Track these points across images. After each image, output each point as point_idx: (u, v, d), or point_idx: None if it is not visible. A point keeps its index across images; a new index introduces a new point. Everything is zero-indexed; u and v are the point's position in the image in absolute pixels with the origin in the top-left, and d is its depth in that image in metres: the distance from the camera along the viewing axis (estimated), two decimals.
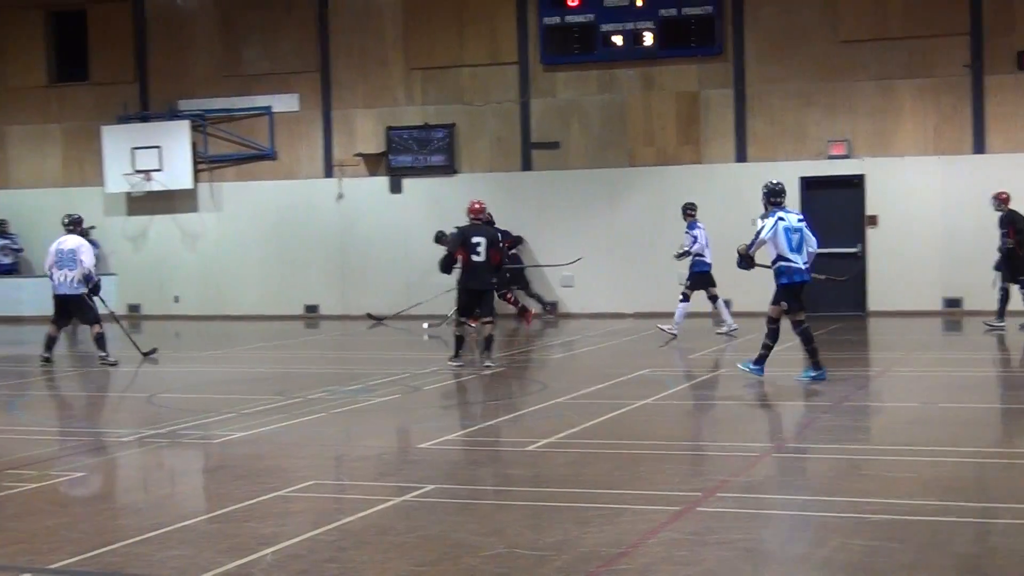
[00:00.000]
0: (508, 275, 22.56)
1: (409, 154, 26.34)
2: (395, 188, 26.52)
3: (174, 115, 27.52)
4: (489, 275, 16.29)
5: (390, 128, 26.40)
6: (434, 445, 11.15)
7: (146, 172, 27.13)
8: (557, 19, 25.45)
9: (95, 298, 18.32)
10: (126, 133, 27.53)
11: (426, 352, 19.63)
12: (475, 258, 16.14)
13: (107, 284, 27.46)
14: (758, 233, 14.24)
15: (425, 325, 23.34)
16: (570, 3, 25.29)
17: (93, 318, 18.20)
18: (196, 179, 27.38)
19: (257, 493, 9.20)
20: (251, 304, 26.49)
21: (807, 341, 14.31)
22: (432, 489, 9.22)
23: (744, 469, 9.80)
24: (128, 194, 27.60)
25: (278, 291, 26.91)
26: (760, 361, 14.43)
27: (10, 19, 28.67)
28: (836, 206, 24.26)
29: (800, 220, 14.19)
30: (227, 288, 27.10)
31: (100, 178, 27.82)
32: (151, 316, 27.14)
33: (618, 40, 25.26)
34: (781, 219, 14.07)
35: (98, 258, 27.28)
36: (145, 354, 18.76)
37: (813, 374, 14.24)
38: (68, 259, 17.98)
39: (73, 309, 18.30)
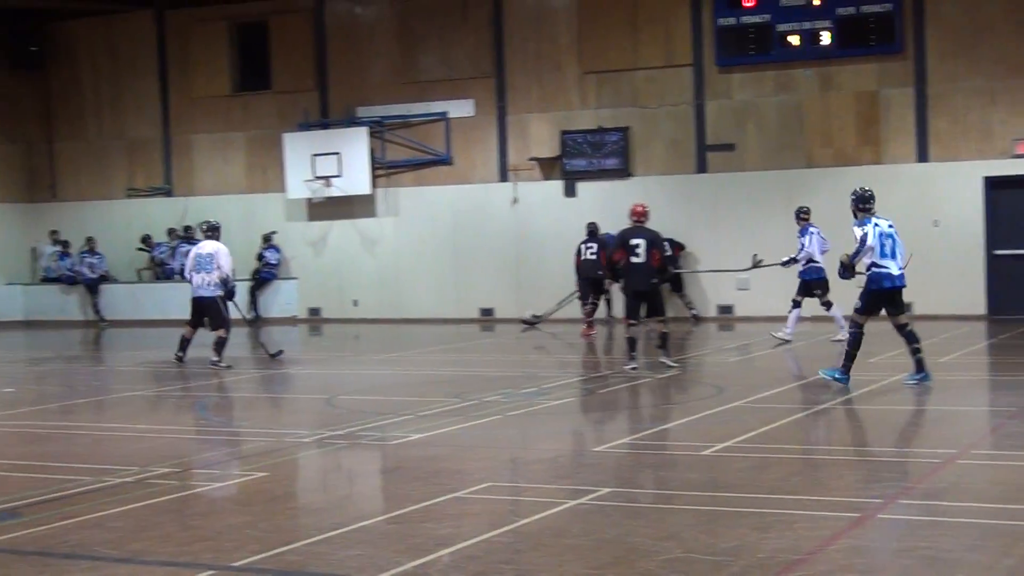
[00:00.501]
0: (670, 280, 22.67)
1: (583, 158, 26.36)
2: (569, 192, 26.56)
3: (353, 122, 27.98)
4: (650, 276, 16.21)
5: (564, 132, 26.46)
6: (609, 448, 11.13)
7: (326, 178, 27.62)
8: (732, 20, 25.22)
9: (230, 303, 18.93)
10: (306, 140, 28.08)
11: (602, 355, 19.60)
12: (635, 259, 16.13)
13: (288, 288, 28.22)
14: (862, 241, 14.08)
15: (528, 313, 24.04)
16: (746, 3, 25.04)
17: (222, 322, 18.73)
18: (374, 184, 27.79)
19: (434, 494, 9.28)
20: (427, 308, 26.79)
21: (912, 341, 14.28)
22: (607, 492, 9.20)
23: (927, 475, 9.57)
24: (308, 200, 28.15)
25: (454, 295, 27.16)
26: (846, 370, 14.30)
27: (196, 32, 29.47)
28: (1022, 207, 23.59)
29: (891, 226, 14.22)
30: (404, 292, 27.45)
31: (281, 184, 28.42)
32: (331, 320, 27.62)
33: (795, 40, 24.93)
34: (877, 224, 14.11)
35: (279, 263, 27.95)
36: (272, 355, 19.18)
37: (918, 377, 14.18)
38: (206, 263, 18.57)
39: (205, 311, 18.80)
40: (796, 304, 19.76)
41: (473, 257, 27.13)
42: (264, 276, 28.15)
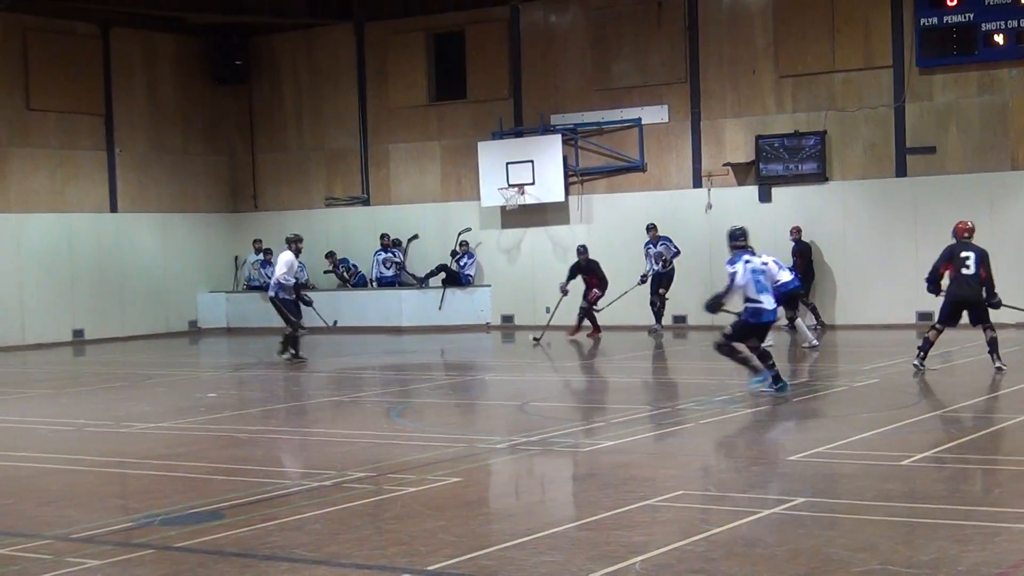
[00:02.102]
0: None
1: (779, 162, 26.02)
2: (764, 197, 26.25)
3: (546, 129, 28.10)
4: (978, 287, 16.51)
5: (759, 137, 26.15)
6: (805, 457, 10.95)
7: (520, 186, 27.79)
8: (935, 20, 24.62)
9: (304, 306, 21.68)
10: (501, 148, 28.30)
11: (800, 363, 19.30)
12: (965, 271, 16.47)
13: (481, 295, 28.45)
14: (731, 278, 14.72)
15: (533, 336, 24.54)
16: (948, 3, 24.42)
17: (286, 320, 21.49)
18: (567, 192, 27.86)
19: (626, 502, 9.26)
20: (620, 315, 26.70)
21: (766, 359, 14.77)
22: (802, 502, 9.06)
23: None
24: (502, 207, 28.36)
25: (646, 302, 27.04)
26: (773, 376, 14.71)
27: (394, 43, 29.95)
28: None
29: (764, 264, 14.96)
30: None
31: (476, 192, 28.69)
32: (522, 326, 27.74)
33: (1000, 39, 24.23)
34: (748, 261, 14.70)
35: (476, 269, 28.28)
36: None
37: (759, 379, 14.77)
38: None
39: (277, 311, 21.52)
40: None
41: None
42: (462, 280, 28.49)
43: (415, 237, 29.61)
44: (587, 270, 25.02)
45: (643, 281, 25.27)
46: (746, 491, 9.72)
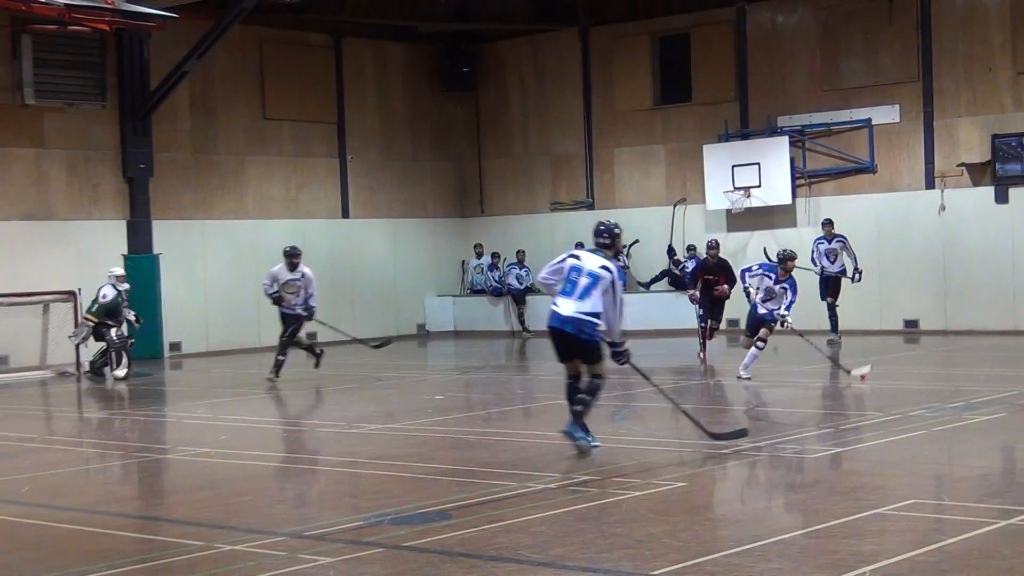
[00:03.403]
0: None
1: (1017, 162, 25.16)
2: (1001, 198, 25.41)
3: (773, 132, 27.75)
4: None
5: (996, 136, 25.33)
6: None
7: (746, 189, 27.51)
8: None
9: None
10: (726, 151, 28.06)
11: None
12: None
13: None
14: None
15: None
16: None
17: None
18: (794, 194, 27.46)
19: (855, 510, 9.09)
20: (850, 319, 26.14)
21: (577, 403, 12.00)
22: None
23: None
24: (728, 211, 28.11)
25: (877, 305, 26.48)
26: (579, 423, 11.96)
27: (619, 47, 29.99)
28: None
29: (604, 267, 11.66)
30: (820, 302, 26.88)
31: (701, 196, 28.51)
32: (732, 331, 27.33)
33: None
34: (574, 256, 11.98)
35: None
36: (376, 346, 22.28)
37: (569, 430, 11.90)
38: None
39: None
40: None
41: (897, 267, 26.37)
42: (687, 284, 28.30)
43: (636, 242, 29.55)
44: (716, 270, 21.78)
45: (856, 278, 24.46)
46: (980, 501, 9.43)
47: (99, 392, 20.57)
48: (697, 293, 21.78)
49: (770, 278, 17.68)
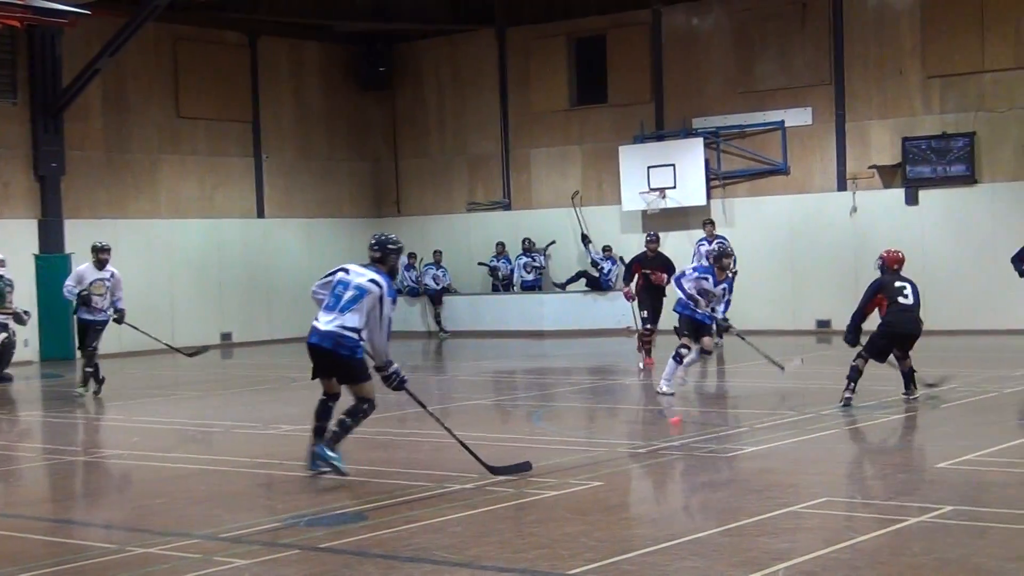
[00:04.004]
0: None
1: (927, 165, 25.54)
2: (911, 200, 25.78)
3: (688, 133, 27.94)
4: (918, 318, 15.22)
5: (906, 139, 25.69)
6: (953, 464, 10.75)
7: (661, 190, 27.67)
8: None
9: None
10: (642, 152, 28.20)
11: (944, 368, 18.92)
12: (903, 301, 15.15)
13: (623, 299, 28.34)
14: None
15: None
16: None
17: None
18: (709, 195, 27.66)
19: (769, 508, 9.19)
20: (762, 319, 26.41)
21: (321, 430, 11.05)
22: (950, 511, 8.88)
23: None
24: (644, 211, 28.26)
25: (790, 306, 26.76)
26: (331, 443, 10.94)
27: (536, 48, 30.04)
28: None
29: (372, 281, 10.82)
30: (739, 303, 27.01)
31: (617, 196, 28.63)
32: (663, 331, 27.53)
33: None
34: (344, 270, 11.15)
35: (613, 274, 28.15)
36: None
37: (317, 450, 10.93)
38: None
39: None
40: None
41: (810, 268, 26.67)
42: (605, 286, 28.44)
43: (552, 243, 29.65)
44: (656, 263, 20.63)
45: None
46: (892, 498, 9.57)
47: (5, 394, 20.24)
48: (632, 290, 20.84)
49: (707, 280, 16.79)
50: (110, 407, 17.39)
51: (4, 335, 21.22)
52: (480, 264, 30.42)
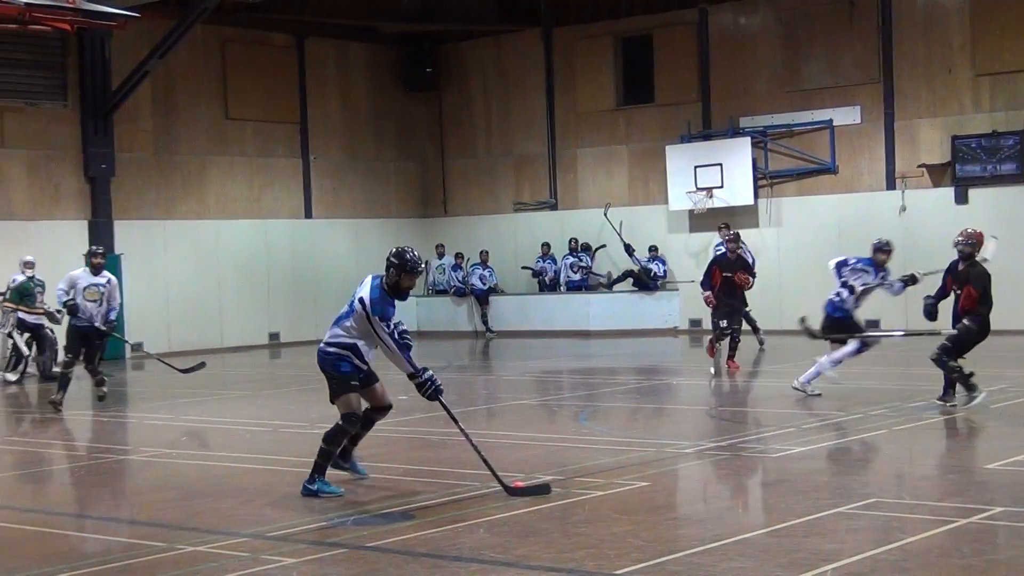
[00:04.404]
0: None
1: (976, 163, 25.34)
2: (961, 199, 25.58)
3: (735, 132, 27.85)
4: None
5: (956, 137, 25.50)
6: (1003, 466, 10.66)
7: (708, 189, 27.59)
8: None
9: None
10: (689, 152, 28.13)
11: (996, 368, 18.77)
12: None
13: (669, 300, 28.30)
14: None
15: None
16: None
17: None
18: (756, 195, 27.56)
19: (817, 508, 9.14)
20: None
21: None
22: (1000, 512, 8.82)
23: None
24: (690, 211, 28.18)
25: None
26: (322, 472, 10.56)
27: (582, 48, 30.03)
28: None
29: (360, 299, 10.34)
30: (787, 302, 26.98)
31: (664, 196, 28.57)
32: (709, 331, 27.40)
33: None
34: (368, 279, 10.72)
35: (665, 274, 28.10)
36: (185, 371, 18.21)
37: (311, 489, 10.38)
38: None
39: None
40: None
41: None
42: (652, 287, 28.36)
43: (603, 246, 29.63)
44: (737, 266, 19.89)
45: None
46: (941, 499, 9.50)
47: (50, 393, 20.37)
48: (712, 295, 19.43)
49: (868, 272, 15.92)
50: (158, 407, 17.50)
51: (26, 335, 21.47)
52: (524, 268, 30.43)
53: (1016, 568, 7.35)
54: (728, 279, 19.37)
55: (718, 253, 19.99)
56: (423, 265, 10.46)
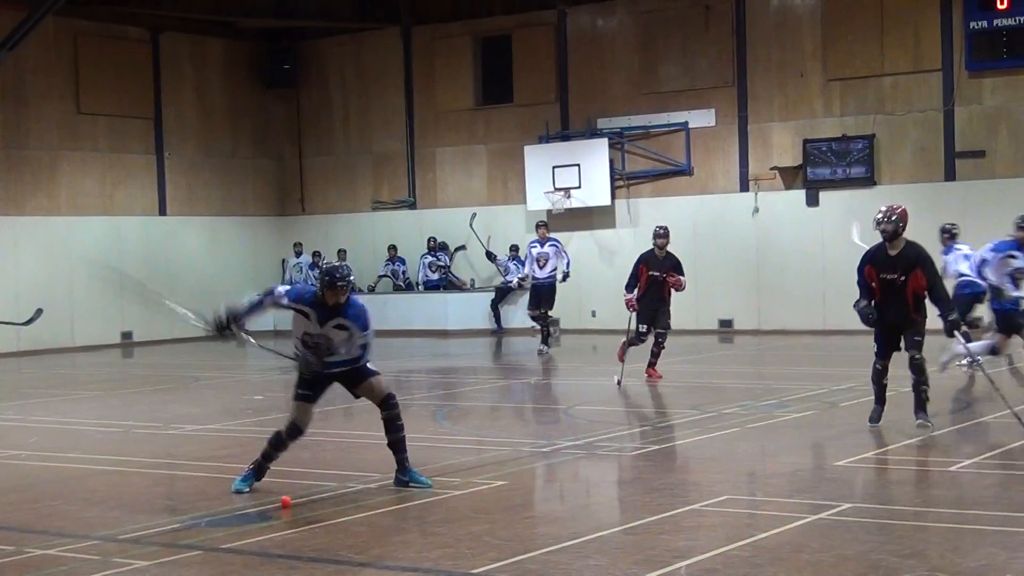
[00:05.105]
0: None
1: (827, 166, 25.88)
2: (812, 201, 26.12)
3: (593, 133, 28.07)
4: None
5: (807, 140, 26.02)
6: (851, 463, 10.90)
7: (566, 190, 27.77)
8: (984, 23, 24.43)
9: None
10: (547, 152, 28.28)
11: (844, 367, 19.18)
12: None
13: (527, 299, 28.38)
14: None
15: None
16: (999, 6, 24.21)
17: None
18: (613, 196, 27.82)
19: (671, 506, 9.25)
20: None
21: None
22: (849, 508, 9.02)
23: None
24: (548, 211, 28.33)
25: (692, 306, 26.94)
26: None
27: (442, 47, 30.01)
28: None
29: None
30: None
31: (522, 196, 28.70)
32: (568, 330, 27.71)
33: None
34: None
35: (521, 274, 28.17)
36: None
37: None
38: None
39: None
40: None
41: (712, 268, 26.88)
42: (504, 288, 28.41)
43: (462, 247, 29.66)
44: (666, 266, 17.90)
45: (520, 285, 24.78)
46: (792, 496, 9.67)
47: None
48: (635, 298, 17.60)
49: (1016, 257, 14.74)
50: (7, 407, 17.10)
51: None
52: (381, 277, 30.32)
53: (864, 563, 7.50)
54: (655, 279, 17.66)
55: (645, 251, 18.10)
56: (346, 283, 10.21)
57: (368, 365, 10.29)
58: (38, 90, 27.42)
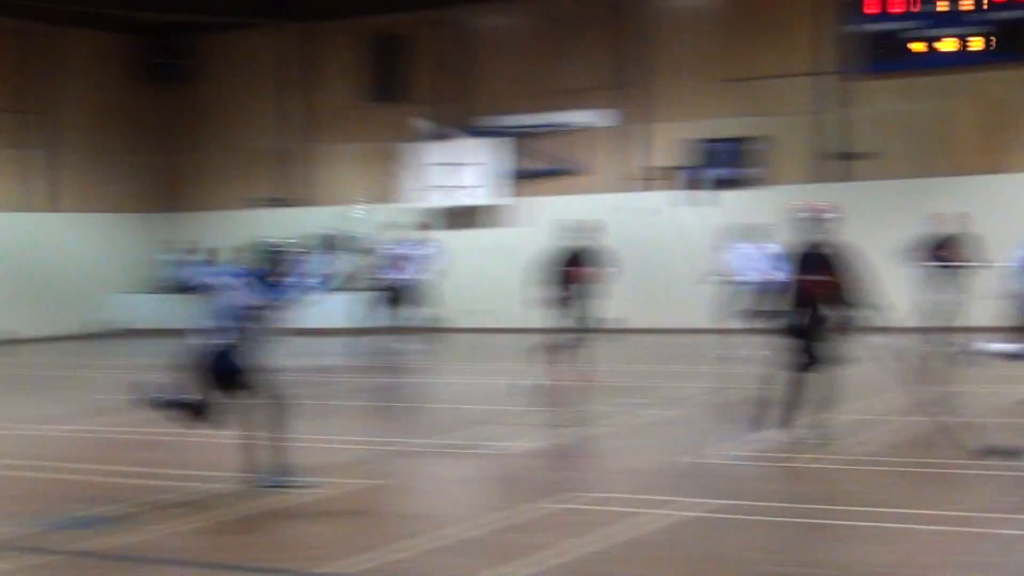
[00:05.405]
0: None
1: (723, 167, 25.97)
2: (707, 201, 26.12)
3: (479, 132, 27.86)
4: None
5: (700, 141, 26.10)
6: (723, 460, 10.89)
7: (453, 188, 27.57)
8: (879, 26, 24.71)
9: None
10: (435, 150, 27.96)
11: (723, 366, 19.16)
12: None
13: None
14: None
15: None
16: (891, 9, 24.57)
17: None
18: (506, 194, 27.64)
19: (539, 503, 9.13)
20: (528, 318, 26.31)
21: None
22: (719, 504, 8.97)
23: None
24: (432, 210, 27.99)
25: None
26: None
27: (328, 43, 29.52)
28: None
29: None
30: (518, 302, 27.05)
31: (405, 194, 28.31)
32: (459, 329, 27.29)
33: (941, 47, 24.33)
34: None
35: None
36: None
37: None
38: None
39: None
40: None
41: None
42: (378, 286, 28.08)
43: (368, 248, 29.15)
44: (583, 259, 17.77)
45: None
46: (661, 493, 9.54)
47: None
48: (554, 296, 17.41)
49: None
50: None
51: None
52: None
53: (731, 558, 7.48)
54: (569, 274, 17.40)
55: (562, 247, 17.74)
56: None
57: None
58: None
